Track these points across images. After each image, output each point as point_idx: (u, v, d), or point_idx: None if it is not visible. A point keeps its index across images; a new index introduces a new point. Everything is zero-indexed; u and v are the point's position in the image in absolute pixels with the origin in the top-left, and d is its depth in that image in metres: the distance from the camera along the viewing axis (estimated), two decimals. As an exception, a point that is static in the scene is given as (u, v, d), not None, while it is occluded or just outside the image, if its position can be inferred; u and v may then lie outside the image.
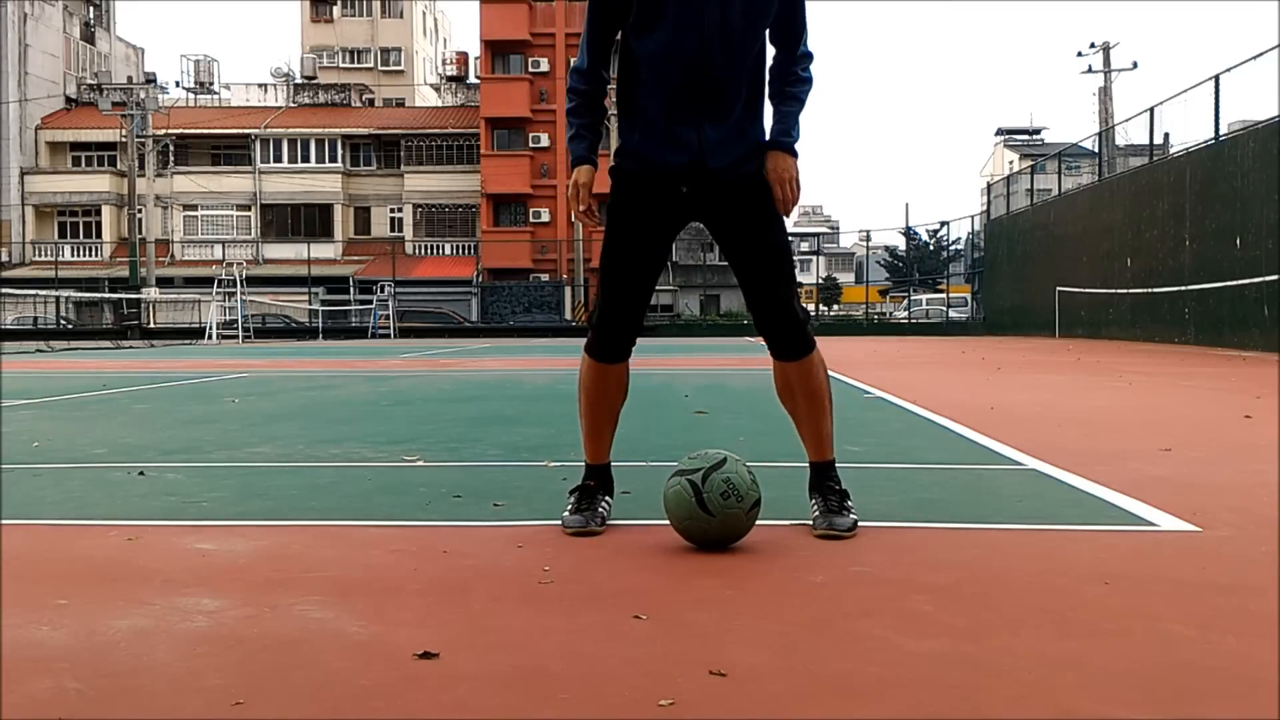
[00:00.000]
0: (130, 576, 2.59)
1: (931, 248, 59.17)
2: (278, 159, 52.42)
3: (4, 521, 3.25)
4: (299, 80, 58.32)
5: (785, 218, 3.08)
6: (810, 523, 3.04)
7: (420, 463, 4.57)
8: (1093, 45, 39.93)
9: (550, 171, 49.86)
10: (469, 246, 51.40)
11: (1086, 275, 26.65)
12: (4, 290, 35.33)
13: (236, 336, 33.33)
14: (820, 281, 60.71)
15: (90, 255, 51.42)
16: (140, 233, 40.56)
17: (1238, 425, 6.05)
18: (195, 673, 1.87)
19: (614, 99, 3.13)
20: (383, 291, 39.59)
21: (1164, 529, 3.13)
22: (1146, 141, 24.54)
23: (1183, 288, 20.94)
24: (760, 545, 2.84)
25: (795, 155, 3.04)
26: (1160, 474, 4.15)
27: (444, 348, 24.33)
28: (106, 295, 40.95)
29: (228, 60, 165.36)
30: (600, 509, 3.16)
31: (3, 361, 16.64)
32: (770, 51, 3.07)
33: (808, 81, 3.09)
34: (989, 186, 41.70)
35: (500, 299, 44.89)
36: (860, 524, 3.03)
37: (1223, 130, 20.38)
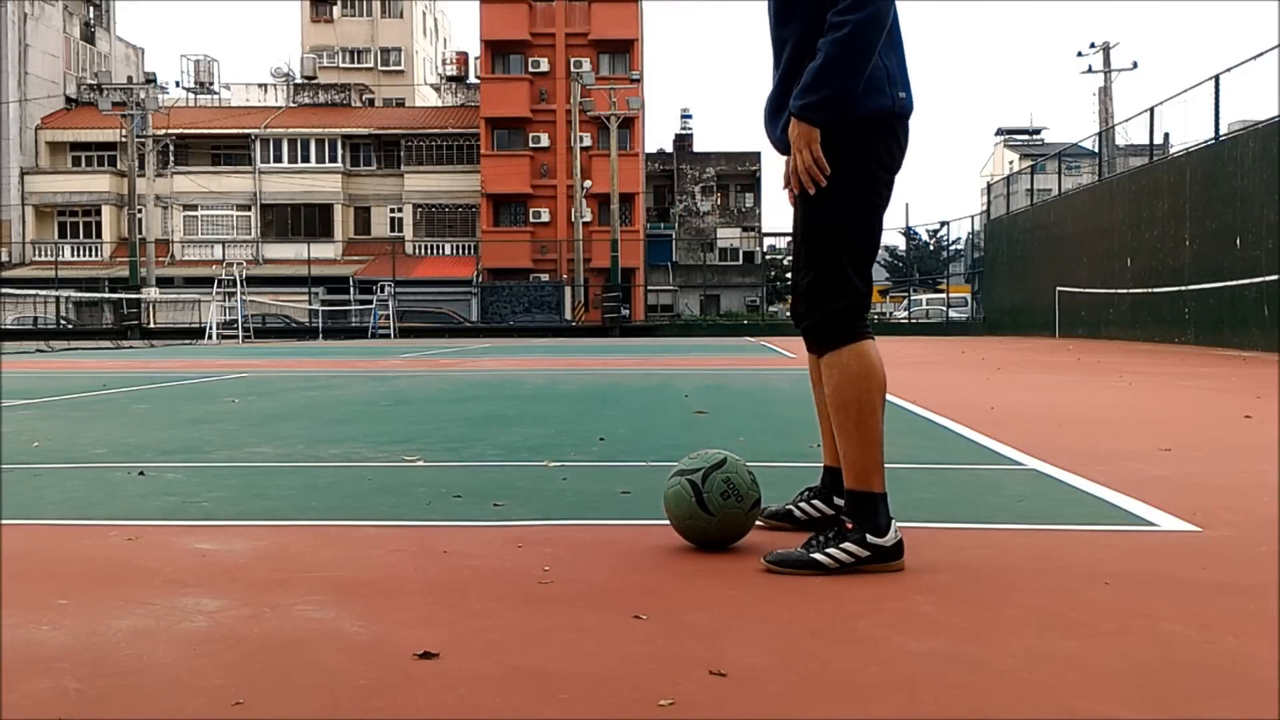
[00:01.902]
0: (130, 576, 2.59)
1: (931, 248, 59.20)
2: (278, 159, 52.44)
3: (4, 521, 3.25)
4: (299, 80, 58.34)
5: (822, 193, 2.64)
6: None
7: (420, 463, 4.57)
8: (1093, 45, 39.91)
9: (550, 171, 49.87)
10: (469, 246, 51.41)
11: (1086, 275, 26.65)
12: (4, 290, 35.34)
13: (236, 336, 33.33)
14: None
15: (90, 255, 51.44)
16: (140, 233, 40.56)
17: (1238, 425, 6.04)
18: (195, 673, 1.87)
19: None
20: (383, 291, 39.60)
21: (1164, 529, 3.13)
22: (1146, 141, 24.55)
23: (1183, 288, 20.94)
24: (760, 545, 2.84)
25: (807, 120, 2.59)
26: (1160, 474, 4.15)
27: (444, 348, 24.33)
28: (106, 295, 40.96)
29: (228, 60, 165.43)
30: (790, 506, 3.07)
31: (3, 361, 16.64)
32: None
33: (839, 26, 2.54)
34: (989, 186, 41.70)
35: (500, 299, 44.89)
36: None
37: (1223, 130, 20.38)
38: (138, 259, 39.34)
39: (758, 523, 3.01)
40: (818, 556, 2.58)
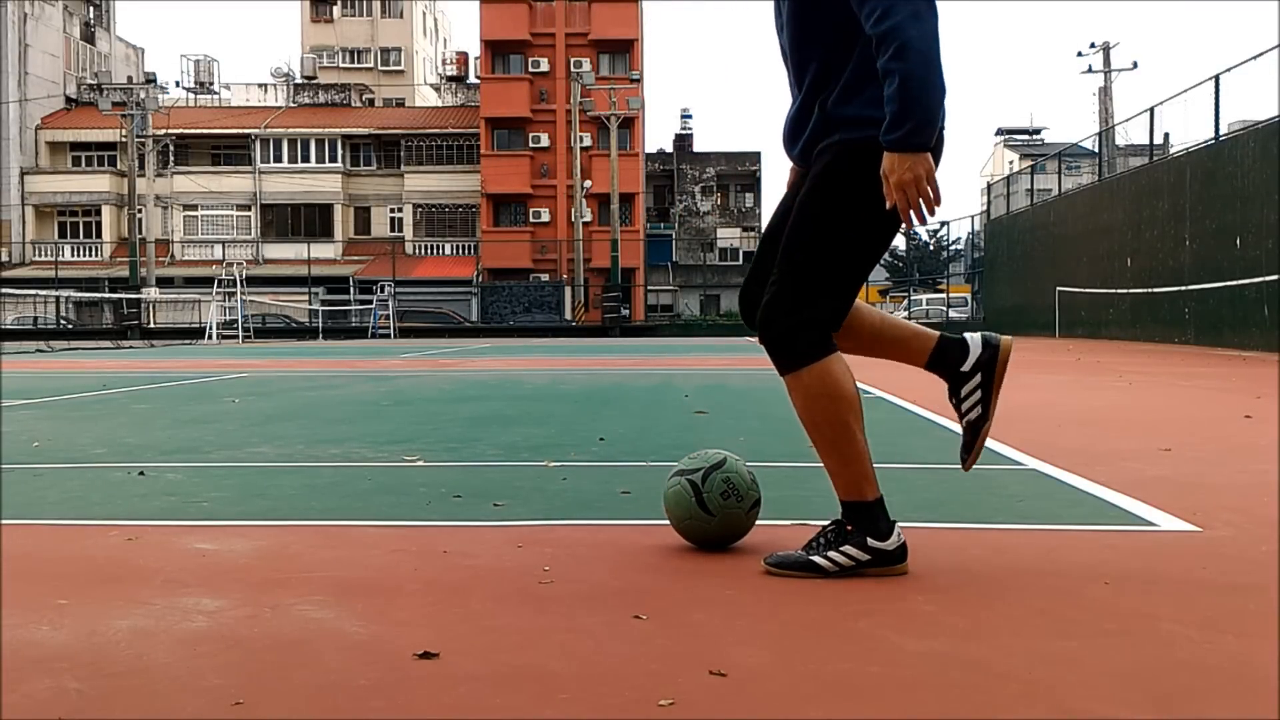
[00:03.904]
0: (130, 576, 2.58)
1: (931, 248, 59.17)
2: (278, 159, 52.44)
3: (4, 521, 3.25)
4: (299, 80, 58.33)
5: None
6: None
7: (420, 463, 4.57)
8: (1093, 45, 39.91)
9: (550, 171, 49.87)
10: (469, 246, 51.41)
11: (1086, 275, 26.65)
12: (4, 290, 35.33)
13: (236, 336, 33.33)
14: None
15: (90, 255, 51.44)
16: (140, 233, 40.56)
17: (1238, 425, 6.04)
18: (195, 673, 1.87)
19: None
20: (383, 291, 39.61)
21: (1164, 529, 3.13)
22: (1146, 141, 24.55)
23: (1183, 288, 20.93)
24: (760, 545, 2.84)
25: (906, 149, 2.38)
26: (1160, 474, 4.15)
27: (444, 348, 24.32)
28: (106, 295, 40.97)
29: (228, 60, 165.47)
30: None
31: (3, 361, 16.64)
32: None
33: (889, 43, 2.35)
34: (989, 186, 41.69)
35: (500, 299, 44.90)
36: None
37: (1223, 130, 20.38)
38: (138, 259, 39.34)
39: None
40: (817, 559, 2.55)
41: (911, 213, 2.44)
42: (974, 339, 2.74)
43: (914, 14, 2.35)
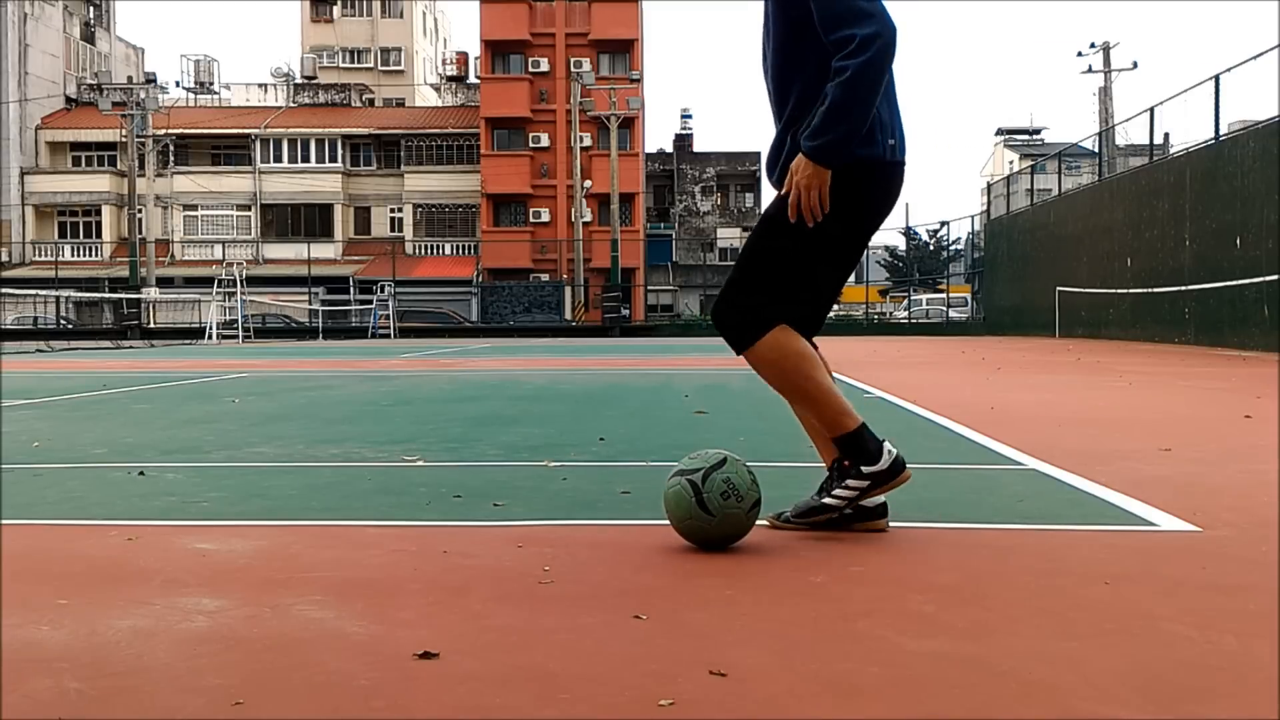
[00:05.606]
0: (130, 576, 2.58)
1: (931, 248, 59.15)
2: (278, 159, 52.45)
3: (4, 521, 3.25)
4: (299, 80, 58.35)
5: (806, 222, 2.79)
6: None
7: (420, 463, 4.57)
8: (1093, 45, 39.97)
9: (550, 171, 49.88)
10: (469, 246, 51.42)
11: (1086, 275, 26.65)
12: (4, 290, 35.34)
13: (236, 336, 33.34)
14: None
15: (90, 255, 51.45)
16: (140, 233, 40.57)
17: (1238, 425, 6.04)
18: (195, 673, 1.87)
19: None
20: (383, 291, 39.62)
21: (1164, 529, 3.13)
22: (1146, 141, 24.55)
23: (1183, 288, 20.94)
24: (760, 545, 2.84)
25: (820, 161, 2.72)
26: (1160, 474, 4.15)
27: (444, 348, 24.32)
28: (106, 295, 40.98)
29: (228, 60, 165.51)
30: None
31: (3, 361, 16.64)
32: None
33: (842, 70, 2.67)
34: (989, 186, 41.69)
35: (500, 299, 44.90)
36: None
37: (1223, 130, 20.38)
38: (138, 259, 39.35)
39: (760, 522, 3.01)
40: (826, 500, 2.89)
41: (791, 209, 2.79)
42: (891, 450, 2.88)
43: (868, 63, 2.65)
